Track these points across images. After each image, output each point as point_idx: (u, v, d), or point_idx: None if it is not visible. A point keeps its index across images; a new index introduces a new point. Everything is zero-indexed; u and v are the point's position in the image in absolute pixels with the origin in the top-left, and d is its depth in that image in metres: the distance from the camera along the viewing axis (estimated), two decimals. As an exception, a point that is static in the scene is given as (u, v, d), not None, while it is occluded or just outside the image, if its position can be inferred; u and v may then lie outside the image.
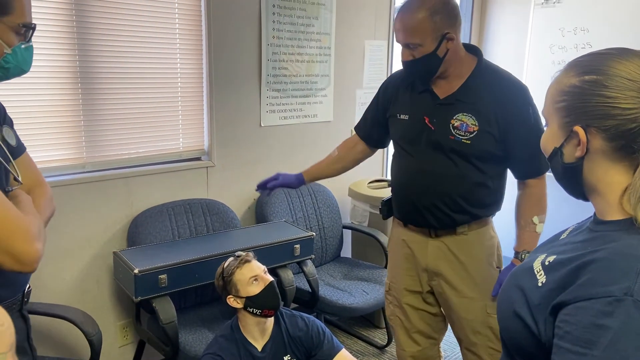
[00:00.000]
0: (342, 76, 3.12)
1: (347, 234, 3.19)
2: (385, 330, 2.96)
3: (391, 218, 1.96)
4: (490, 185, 1.71)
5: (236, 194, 2.73)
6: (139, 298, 2.01)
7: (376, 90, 1.97)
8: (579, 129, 0.81)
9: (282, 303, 1.88)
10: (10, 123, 1.24)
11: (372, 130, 1.96)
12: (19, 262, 0.98)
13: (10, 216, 0.98)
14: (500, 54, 3.91)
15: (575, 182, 0.85)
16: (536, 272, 0.85)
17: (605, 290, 0.72)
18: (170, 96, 2.46)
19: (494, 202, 1.77)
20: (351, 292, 2.65)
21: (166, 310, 2.02)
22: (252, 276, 1.82)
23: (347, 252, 3.21)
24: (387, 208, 1.94)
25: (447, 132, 1.67)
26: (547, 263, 0.85)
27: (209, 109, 2.56)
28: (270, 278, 1.85)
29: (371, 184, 3.15)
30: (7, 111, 1.24)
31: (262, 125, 2.79)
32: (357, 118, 3.24)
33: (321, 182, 3.06)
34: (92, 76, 2.20)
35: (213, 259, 2.18)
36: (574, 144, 0.83)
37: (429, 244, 1.79)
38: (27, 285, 1.21)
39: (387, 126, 1.87)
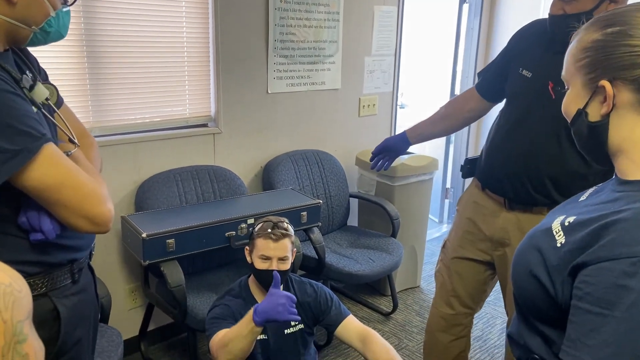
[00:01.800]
0: (350, 43, 3.06)
1: (354, 203, 3.18)
2: (390, 297, 2.98)
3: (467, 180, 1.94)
4: (591, 181, 1.53)
5: (243, 161, 2.72)
6: (147, 262, 2.02)
7: (384, 57, 1.91)
8: (605, 83, 0.78)
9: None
10: (45, 76, 1.21)
11: (494, 80, 1.78)
12: (94, 224, 1.00)
13: (81, 181, 1.00)
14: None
15: (599, 144, 0.83)
16: (555, 233, 0.83)
17: (629, 251, 0.70)
18: (176, 61, 2.42)
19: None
20: (357, 260, 2.66)
21: (174, 274, 2.04)
22: (265, 255, 1.81)
23: (353, 221, 3.21)
24: (469, 167, 1.89)
25: None
26: (566, 224, 0.83)
27: (215, 75, 2.53)
28: (280, 267, 1.80)
29: (379, 153, 3.12)
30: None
31: (269, 92, 2.76)
32: (366, 86, 3.24)
33: (328, 150, 3.05)
34: (98, 40, 2.17)
35: (220, 224, 2.19)
36: (599, 101, 0.80)
37: (501, 215, 1.73)
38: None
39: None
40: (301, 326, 1.93)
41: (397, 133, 3.47)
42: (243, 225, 2.25)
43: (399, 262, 2.75)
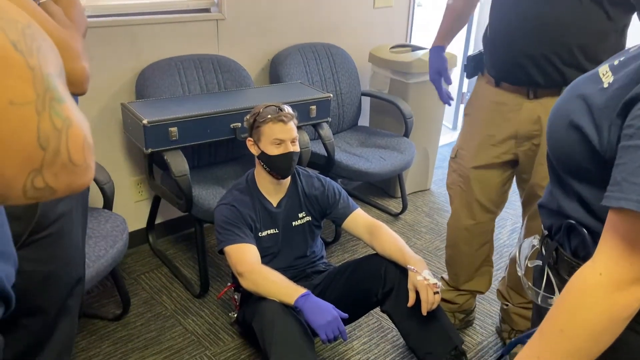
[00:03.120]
0: None
1: (366, 102, 3.05)
2: (400, 199, 2.94)
3: (474, 78, 1.77)
4: (612, 39, 1.45)
5: (249, 51, 2.56)
6: (150, 150, 1.95)
7: None
8: None
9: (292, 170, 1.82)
10: None
11: None
12: (67, 83, 0.88)
13: (49, 30, 0.87)
14: None
15: None
16: (602, 76, 0.74)
17: None
18: None
19: None
20: (368, 158, 2.58)
21: (178, 163, 1.98)
22: (278, 139, 1.73)
23: (364, 121, 3.10)
24: (473, 64, 1.73)
25: None
26: (616, 63, 0.74)
27: (218, -46, 2.31)
28: (294, 149, 1.75)
29: (394, 49, 2.94)
30: None
31: (277, -24, 2.54)
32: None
33: (340, 44, 2.87)
34: None
35: (225, 115, 2.09)
36: None
37: (524, 107, 1.59)
38: None
39: None
40: (309, 218, 1.90)
41: (413, 33, 3.29)
42: (248, 116, 2.15)
43: (411, 161, 2.67)
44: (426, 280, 1.56)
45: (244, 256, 1.66)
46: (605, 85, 0.72)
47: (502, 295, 1.95)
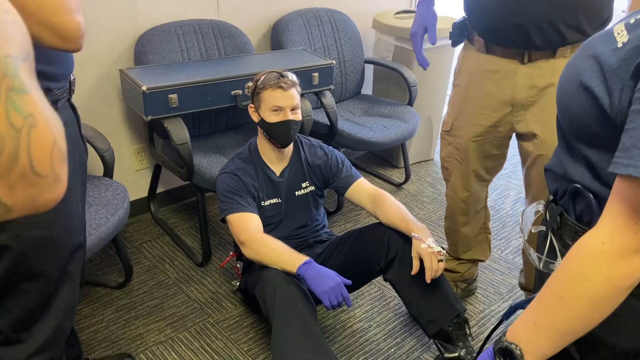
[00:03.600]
0: None
1: (369, 70, 2.99)
2: (403, 169, 2.91)
3: (460, 47, 1.72)
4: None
5: (250, 17, 2.50)
6: (150, 117, 1.92)
7: None
8: None
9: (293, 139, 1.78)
10: None
11: None
12: (60, 37, 0.85)
13: None
14: None
15: None
16: (616, 35, 0.70)
17: None
18: None
19: (607, 20, 1.48)
20: (371, 127, 2.55)
21: (178, 131, 1.95)
22: (277, 106, 1.70)
23: (367, 89, 3.05)
24: (458, 32, 1.65)
25: None
26: (632, 21, 0.69)
27: None
28: (294, 117, 1.71)
29: (398, 15, 2.87)
30: None
31: (279, -63, 2.45)
32: None
33: (343, 9, 2.80)
34: None
35: (226, 81, 2.05)
36: None
37: (518, 72, 1.54)
38: (72, 75, 1.12)
39: None
40: (312, 188, 1.88)
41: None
42: (250, 83, 2.10)
43: (415, 130, 2.63)
44: (430, 248, 1.55)
45: (246, 225, 1.65)
46: (619, 44, 0.69)
47: (524, 288, 1.93)
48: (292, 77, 1.73)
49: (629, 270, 0.66)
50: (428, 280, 1.55)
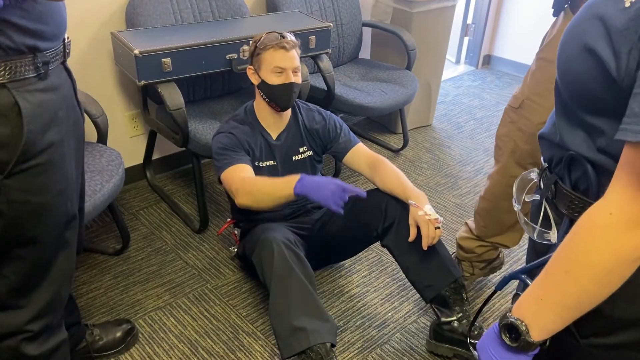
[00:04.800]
0: None
1: (367, 33, 2.93)
2: (401, 135, 2.88)
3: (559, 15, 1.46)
4: None
5: (244, -22, 2.42)
6: (143, 82, 1.87)
7: None
8: None
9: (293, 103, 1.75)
10: None
11: None
12: None
13: None
14: None
15: None
16: None
17: None
18: None
19: None
20: (369, 92, 2.51)
21: (173, 96, 1.91)
22: (279, 67, 1.65)
23: (365, 53, 2.99)
24: None
25: None
26: None
27: None
28: (295, 80, 1.68)
29: (397, -24, 2.78)
30: None
31: None
32: None
33: (340, -30, 2.70)
34: None
35: (221, 45, 2.00)
36: None
37: None
38: (66, 35, 1.07)
39: None
40: (310, 153, 1.86)
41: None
42: (245, 47, 2.05)
43: (413, 95, 2.59)
44: (427, 215, 1.54)
45: (237, 173, 1.61)
46: (627, 4, 0.65)
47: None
48: (293, 38, 1.68)
49: (637, 241, 0.65)
50: (424, 248, 1.54)
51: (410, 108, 2.93)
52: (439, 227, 1.55)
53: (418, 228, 1.56)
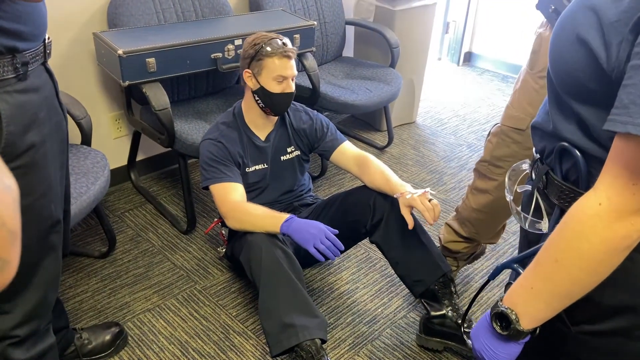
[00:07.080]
0: None
1: (350, 32, 2.94)
2: (386, 132, 2.90)
3: None
4: None
5: (227, -23, 2.41)
6: (127, 82, 1.85)
7: None
8: None
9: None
10: None
11: None
12: None
13: None
14: None
15: None
16: None
17: None
18: None
19: None
20: (353, 90, 2.52)
21: (158, 96, 1.89)
22: (282, 76, 1.65)
23: (349, 51, 3.00)
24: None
25: None
26: None
27: None
28: (294, 89, 1.69)
29: (379, -26, 2.80)
30: None
31: None
32: None
33: (323, -31, 2.70)
34: None
35: (205, 44, 1.98)
36: None
37: None
38: (47, 36, 1.05)
39: None
40: (297, 153, 1.86)
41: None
42: (230, 46, 2.05)
43: (397, 92, 2.61)
44: (414, 193, 1.53)
45: (228, 196, 1.63)
46: None
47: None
48: (291, 44, 1.68)
49: (626, 231, 0.66)
50: (430, 223, 1.49)
51: (394, 105, 2.95)
52: (432, 199, 1.52)
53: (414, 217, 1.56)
